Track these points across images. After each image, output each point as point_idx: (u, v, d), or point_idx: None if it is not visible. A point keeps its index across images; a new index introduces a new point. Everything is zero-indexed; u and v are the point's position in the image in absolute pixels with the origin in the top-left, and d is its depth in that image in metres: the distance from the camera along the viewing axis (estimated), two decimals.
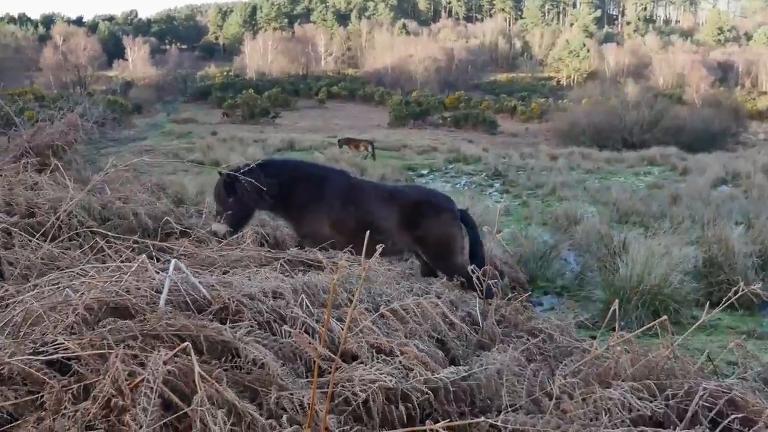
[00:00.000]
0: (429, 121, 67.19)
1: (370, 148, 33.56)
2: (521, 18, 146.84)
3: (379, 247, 2.53)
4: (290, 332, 2.55)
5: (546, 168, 29.80)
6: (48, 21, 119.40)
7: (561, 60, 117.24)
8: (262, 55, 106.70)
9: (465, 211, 6.62)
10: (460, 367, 2.92)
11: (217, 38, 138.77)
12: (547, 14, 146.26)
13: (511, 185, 24.53)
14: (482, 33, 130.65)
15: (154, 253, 4.52)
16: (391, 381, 2.58)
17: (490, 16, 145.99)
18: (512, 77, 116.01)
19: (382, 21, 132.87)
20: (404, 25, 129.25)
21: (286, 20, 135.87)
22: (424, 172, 29.66)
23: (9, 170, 8.22)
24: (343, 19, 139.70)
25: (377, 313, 3.09)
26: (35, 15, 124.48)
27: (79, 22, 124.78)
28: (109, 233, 4.36)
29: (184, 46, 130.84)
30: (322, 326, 2.66)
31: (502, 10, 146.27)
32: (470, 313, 4.23)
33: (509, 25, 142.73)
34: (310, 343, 2.25)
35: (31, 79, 67.88)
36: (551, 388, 3.01)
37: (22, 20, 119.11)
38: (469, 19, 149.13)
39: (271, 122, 62.86)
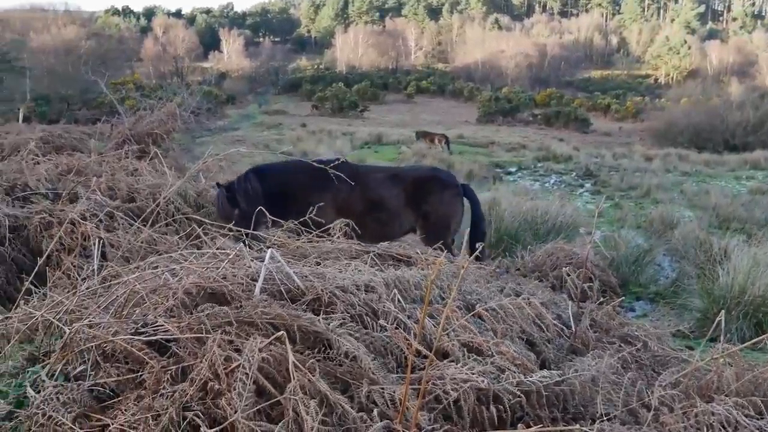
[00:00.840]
0: (519, 118, 66.13)
1: (444, 142, 33.35)
2: (619, 13, 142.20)
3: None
4: (385, 327, 2.54)
5: (640, 169, 28.71)
6: (149, 13, 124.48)
7: (660, 57, 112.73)
8: (353, 49, 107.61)
9: (467, 185, 6.81)
10: (554, 371, 2.84)
11: (309, 31, 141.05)
12: (646, 9, 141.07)
13: (603, 186, 23.79)
14: (577, 28, 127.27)
15: (247, 242, 4.61)
16: (483, 382, 2.53)
17: (586, 11, 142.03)
18: (607, 74, 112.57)
19: (474, 16, 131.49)
20: (497, 20, 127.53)
21: (377, 14, 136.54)
22: (512, 169, 29.19)
23: (111, 157, 8.62)
24: (434, 13, 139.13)
25: (472, 312, 3.03)
26: (138, 8, 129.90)
27: (178, 14, 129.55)
28: (206, 220, 4.47)
29: (276, 39, 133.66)
30: (415, 322, 2.64)
31: (599, 5, 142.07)
32: (559, 315, 4.12)
33: (606, 21, 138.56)
34: (406, 339, 2.22)
35: (132, 69, 70.92)
36: (649, 399, 2.88)
37: (126, 12, 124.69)
38: (564, 14, 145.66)
39: (359, 116, 63.36)
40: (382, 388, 2.44)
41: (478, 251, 3.95)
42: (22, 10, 78.05)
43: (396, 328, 2.63)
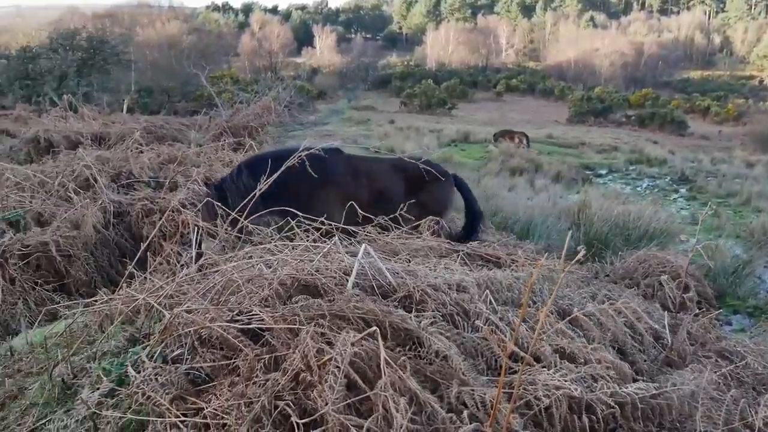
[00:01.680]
0: (611, 118, 64.19)
1: (524, 141, 32.76)
2: (723, 11, 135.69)
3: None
4: (479, 328, 2.51)
5: (740, 175, 27.30)
6: (247, 10, 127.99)
7: (766, 57, 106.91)
8: (443, 46, 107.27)
9: (457, 176, 6.82)
10: (650, 384, 2.73)
11: (400, 28, 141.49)
12: (753, 7, 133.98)
13: (699, 192, 22.79)
14: (677, 27, 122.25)
15: (338, 236, 4.67)
16: (576, 390, 2.46)
17: (688, 8, 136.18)
18: (707, 75, 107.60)
19: (569, 13, 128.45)
20: (592, 18, 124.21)
21: (469, 11, 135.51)
22: (603, 171, 28.38)
23: (209, 148, 8.93)
24: (527, 10, 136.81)
25: (569, 317, 2.95)
26: (237, 4, 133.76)
27: (274, 10, 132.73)
28: (298, 212, 4.56)
29: (368, 35, 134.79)
30: (507, 325, 2.60)
31: (702, 2, 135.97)
32: (652, 325, 3.97)
33: (709, 19, 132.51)
34: (501, 342, 2.18)
35: (229, 63, 73.18)
36: (753, 419, 2.73)
37: (225, 9, 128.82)
38: (663, 11, 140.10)
39: (447, 113, 63.10)
40: (473, 390, 2.42)
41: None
42: (130, 6, 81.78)
43: (489, 330, 2.60)
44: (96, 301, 3.75)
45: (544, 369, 2.64)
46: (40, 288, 5.52)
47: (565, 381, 2.50)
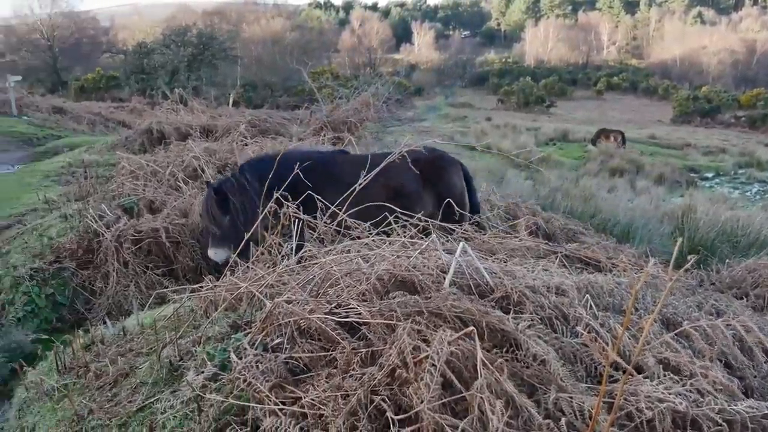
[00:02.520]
0: (719, 119, 61.14)
1: (620, 139, 31.66)
2: None
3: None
4: (578, 333, 2.45)
5: None
6: (348, 7, 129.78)
7: None
8: (542, 43, 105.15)
9: (463, 165, 6.45)
10: (763, 403, 2.59)
11: (499, 25, 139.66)
12: None
13: None
14: None
15: (435, 233, 4.67)
16: (681, 404, 2.36)
17: None
18: None
19: (675, 9, 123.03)
20: (700, 14, 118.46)
21: (570, 7, 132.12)
22: (709, 174, 27.11)
23: (310, 142, 9.13)
24: (630, 6, 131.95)
25: (678, 330, 2.84)
26: (338, 1, 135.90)
27: (374, 7, 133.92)
28: (395, 208, 4.59)
29: (466, 32, 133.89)
30: (608, 331, 2.53)
31: None
32: (763, 340, 3.75)
33: None
34: (603, 349, 2.12)
35: (329, 59, 74.57)
36: None
37: (327, 6, 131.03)
38: None
39: (545, 111, 61.96)
40: (571, 397, 2.36)
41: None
42: (237, 4, 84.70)
43: (590, 336, 2.53)
44: (202, 287, 3.92)
45: (647, 380, 2.54)
46: (151, 272, 5.83)
47: (670, 394, 2.40)
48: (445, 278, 3.01)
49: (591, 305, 3.01)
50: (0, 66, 52.56)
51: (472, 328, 2.46)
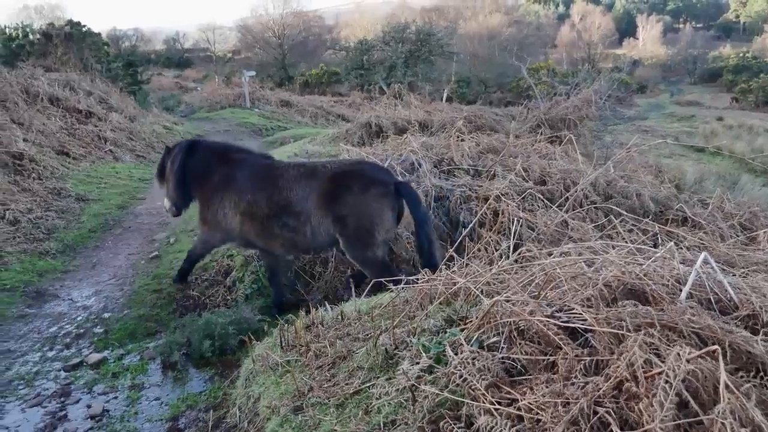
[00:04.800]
0: None
1: None
2: None
3: None
4: None
5: None
6: (568, 1, 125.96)
7: None
8: None
9: (406, 183, 5.12)
10: None
11: (737, 16, 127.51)
12: None
13: None
14: None
15: (660, 239, 4.35)
16: None
17: None
18: None
19: None
20: None
21: None
22: None
23: (526, 139, 8.96)
24: None
25: None
26: None
27: (597, 0, 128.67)
28: (623, 212, 4.33)
29: (699, 25, 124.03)
30: None
31: None
32: None
33: None
34: None
35: (546, 55, 72.93)
36: None
37: (546, 0, 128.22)
38: None
39: None
40: None
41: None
42: (455, 0, 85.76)
43: None
44: (418, 279, 3.98)
45: None
46: None
47: None
48: (681, 290, 2.77)
49: None
50: (237, 62, 58.42)
51: (716, 347, 2.22)
